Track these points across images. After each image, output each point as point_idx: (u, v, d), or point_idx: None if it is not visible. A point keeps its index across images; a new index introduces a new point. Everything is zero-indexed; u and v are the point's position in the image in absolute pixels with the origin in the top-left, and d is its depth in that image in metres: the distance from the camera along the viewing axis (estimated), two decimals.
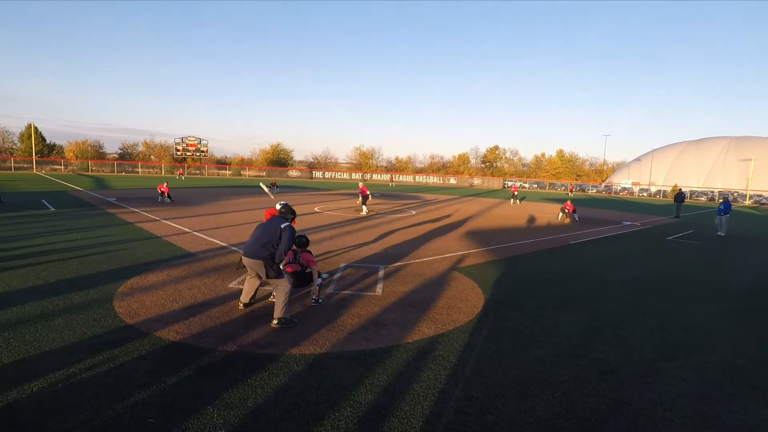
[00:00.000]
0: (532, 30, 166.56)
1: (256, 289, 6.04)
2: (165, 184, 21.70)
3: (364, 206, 19.64)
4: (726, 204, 17.56)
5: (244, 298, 5.97)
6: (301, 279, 6.27)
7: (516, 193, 32.63)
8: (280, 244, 5.43)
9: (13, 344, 4.49)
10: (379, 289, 7.18)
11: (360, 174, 60.55)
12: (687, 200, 42.66)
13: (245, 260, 5.62)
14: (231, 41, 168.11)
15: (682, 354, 5.08)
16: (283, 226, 5.53)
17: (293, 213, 6.02)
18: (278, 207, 6.13)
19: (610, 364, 4.69)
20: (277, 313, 5.40)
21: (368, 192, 20.20)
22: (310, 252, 6.49)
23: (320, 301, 6.32)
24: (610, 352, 5.03)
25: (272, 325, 5.35)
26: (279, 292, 5.45)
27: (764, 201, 50.99)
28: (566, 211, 19.78)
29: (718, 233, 17.17)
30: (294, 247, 6.27)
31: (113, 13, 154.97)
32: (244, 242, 10.65)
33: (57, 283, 6.71)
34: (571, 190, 52.90)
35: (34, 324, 5.05)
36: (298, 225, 6.79)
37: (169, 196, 21.21)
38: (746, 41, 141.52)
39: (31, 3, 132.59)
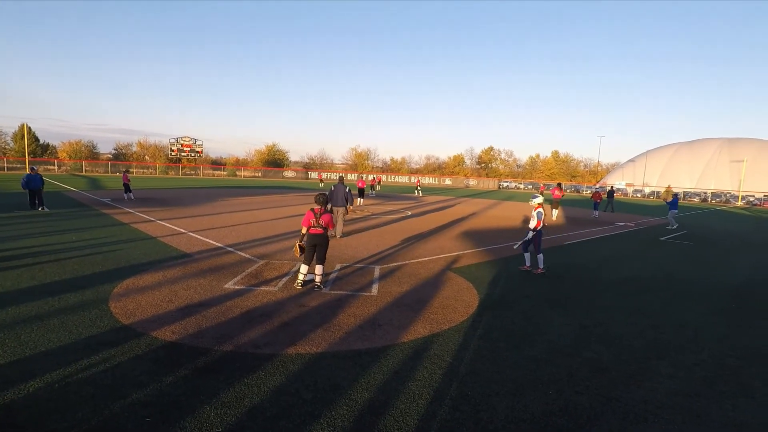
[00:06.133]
0: (526, 31, 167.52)
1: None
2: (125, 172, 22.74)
3: (360, 199, 20.55)
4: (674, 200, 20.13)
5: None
6: (323, 239, 7.08)
7: (419, 186, 43.96)
8: (350, 198, 12.25)
9: (9, 344, 4.49)
10: (374, 289, 7.23)
11: (356, 174, 61.05)
12: (680, 201, 43.01)
13: (336, 209, 11.95)
14: (226, 42, 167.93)
15: (673, 352, 5.17)
16: (347, 189, 12.14)
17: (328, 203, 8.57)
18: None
19: (602, 362, 4.76)
20: (339, 231, 12.15)
21: (363, 187, 21.40)
22: (330, 212, 8.02)
23: (321, 288, 6.99)
24: (602, 350, 5.10)
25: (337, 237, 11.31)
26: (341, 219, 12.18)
27: (756, 202, 51.50)
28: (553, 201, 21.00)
29: (669, 227, 19.19)
30: (316, 208, 7.07)
31: (109, 12, 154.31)
32: (239, 243, 10.71)
33: (52, 284, 6.70)
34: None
35: (29, 324, 5.05)
36: (297, 222, 6.99)
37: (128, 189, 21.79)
38: (740, 43, 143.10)
39: (25, 2, 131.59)
